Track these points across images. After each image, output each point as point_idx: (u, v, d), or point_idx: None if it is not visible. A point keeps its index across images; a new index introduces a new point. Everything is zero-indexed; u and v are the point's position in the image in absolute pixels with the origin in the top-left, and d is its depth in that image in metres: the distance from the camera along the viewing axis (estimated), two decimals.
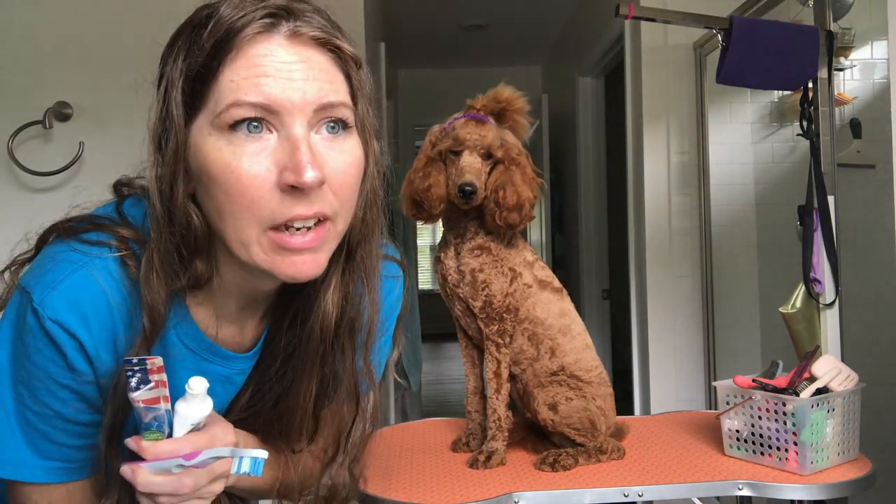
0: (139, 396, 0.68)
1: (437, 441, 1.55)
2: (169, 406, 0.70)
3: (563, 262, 4.72)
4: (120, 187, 0.81)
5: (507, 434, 1.40)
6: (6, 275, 0.76)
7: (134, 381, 0.68)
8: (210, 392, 0.72)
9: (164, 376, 0.69)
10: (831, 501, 1.40)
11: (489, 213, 1.36)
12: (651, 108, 2.62)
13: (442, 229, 1.47)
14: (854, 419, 1.39)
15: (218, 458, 0.72)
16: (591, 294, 4.01)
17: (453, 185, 1.34)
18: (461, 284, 1.39)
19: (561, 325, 1.42)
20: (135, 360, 0.68)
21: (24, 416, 0.71)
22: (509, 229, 1.37)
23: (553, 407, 1.36)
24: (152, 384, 0.68)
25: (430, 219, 1.39)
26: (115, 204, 0.78)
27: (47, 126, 2.13)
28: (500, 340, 1.39)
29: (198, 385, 0.70)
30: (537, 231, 4.93)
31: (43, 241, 0.77)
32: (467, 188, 1.31)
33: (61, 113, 2.15)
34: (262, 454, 0.72)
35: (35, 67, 2.18)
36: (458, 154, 1.35)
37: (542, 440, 1.47)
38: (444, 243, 1.44)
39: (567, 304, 1.45)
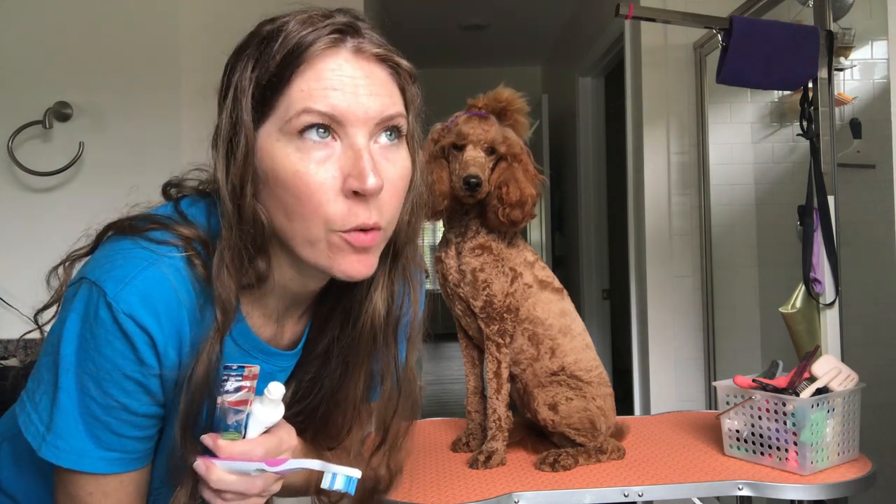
0: (230, 399, 0.72)
1: (437, 441, 1.54)
2: (251, 409, 0.74)
3: (563, 262, 4.72)
4: (168, 188, 0.85)
5: (507, 434, 1.40)
6: (59, 269, 0.79)
7: (229, 385, 0.72)
8: None
9: (255, 383, 0.73)
10: (831, 501, 1.40)
11: (492, 210, 1.36)
12: (651, 108, 2.62)
13: (442, 229, 1.47)
14: (854, 419, 1.39)
15: (303, 469, 0.75)
16: (591, 294, 4.00)
17: (458, 178, 1.34)
18: (462, 284, 1.39)
19: (561, 325, 1.42)
20: (234, 367, 0.72)
21: (88, 407, 0.73)
22: (512, 226, 1.37)
23: (553, 407, 1.36)
24: (245, 389, 0.73)
25: (433, 216, 1.40)
26: (172, 204, 0.81)
27: (47, 126, 2.13)
28: (500, 340, 1.39)
29: (276, 390, 0.74)
30: (537, 231, 4.92)
31: (100, 237, 0.79)
32: (472, 180, 1.31)
33: (61, 113, 2.15)
34: (356, 473, 0.74)
35: (35, 67, 2.18)
36: (461, 149, 1.35)
37: (542, 440, 1.47)
38: (445, 243, 1.44)
39: (567, 304, 1.45)
